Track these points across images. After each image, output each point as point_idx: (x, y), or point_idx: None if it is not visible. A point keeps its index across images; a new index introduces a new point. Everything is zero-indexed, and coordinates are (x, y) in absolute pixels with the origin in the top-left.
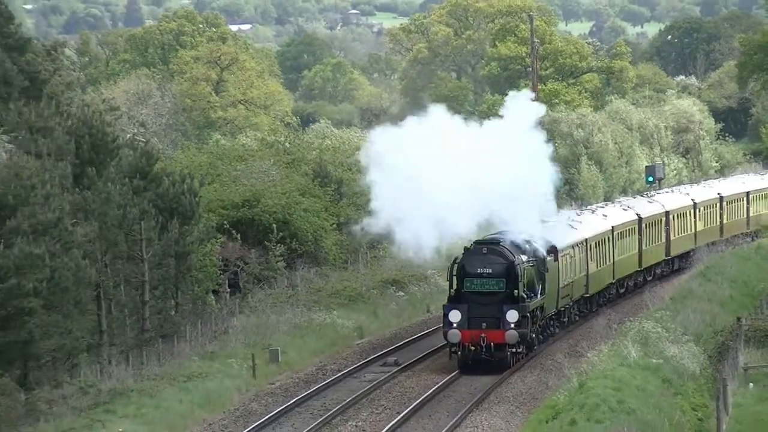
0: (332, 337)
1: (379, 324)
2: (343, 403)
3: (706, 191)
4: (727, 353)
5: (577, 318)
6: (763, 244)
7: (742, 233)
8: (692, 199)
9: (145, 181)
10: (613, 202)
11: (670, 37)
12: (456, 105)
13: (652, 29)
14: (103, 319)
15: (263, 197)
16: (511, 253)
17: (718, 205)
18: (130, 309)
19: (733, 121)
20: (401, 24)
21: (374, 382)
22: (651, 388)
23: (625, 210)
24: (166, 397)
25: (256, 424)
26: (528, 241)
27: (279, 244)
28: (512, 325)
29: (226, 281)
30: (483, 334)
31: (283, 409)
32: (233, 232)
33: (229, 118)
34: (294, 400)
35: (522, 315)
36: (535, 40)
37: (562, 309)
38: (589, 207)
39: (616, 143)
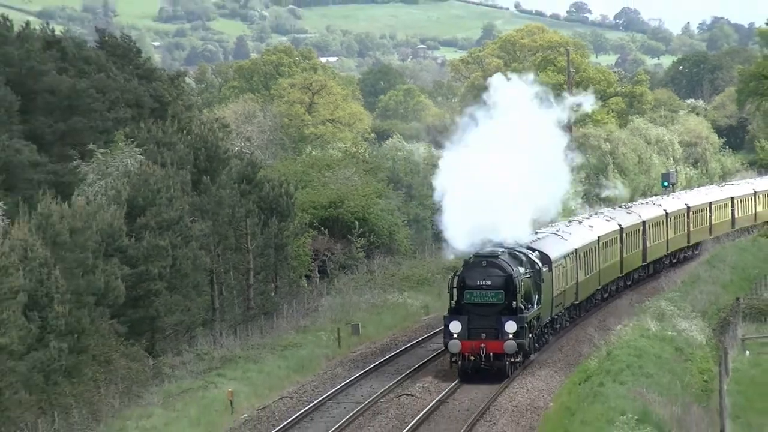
0: (403, 314)
1: (441, 303)
2: (413, 368)
3: (675, 202)
4: (728, 327)
5: (568, 324)
6: (758, 238)
7: (704, 239)
8: (664, 210)
9: (250, 186)
10: (596, 214)
11: (681, 67)
12: None
13: (666, 61)
14: (216, 299)
15: (346, 199)
16: (509, 265)
17: (685, 214)
18: (238, 291)
19: (733, 136)
20: (461, 57)
21: (438, 351)
22: (666, 356)
23: (608, 221)
24: (266, 363)
25: (341, 385)
26: (525, 253)
27: (359, 238)
28: (511, 336)
29: (316, 268)
30: (482, 345)
31: (363, 373)
32: (322, 228)
33: (318, 134)
34: (372, 365)
35: (520, 326)
36: (571, 69)
37: (556, 316)
38: (575, 219)
39: (637, 154)
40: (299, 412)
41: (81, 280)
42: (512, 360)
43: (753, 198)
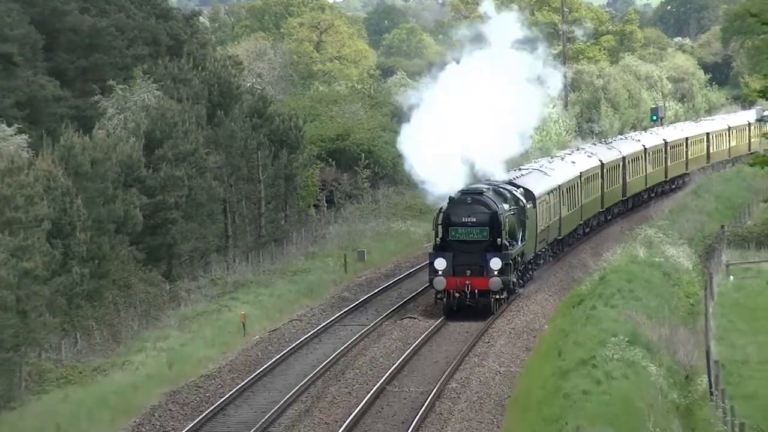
0: (406, 241)
1: None
2: (415, 292)
3: (654, 138)
4: (713, 253)
5: (551, 259)
6: (742, 168)
7: (681, 174)
8: (643, 145)
9: (261, 120)
10: (578, 150)
11: (669, 7)
12: None
13: (655, 1)
14: (229, 226)
15: (353, 132)
16: (494, 202)
17: (663, 150)
18: (250, 219)
19: (718, 73)
20: None
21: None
22: (654, 281)
23: (590, 157)
24: (277, 287)
25: (348, 308)
26: (509, 190)
27: (365, 169)
28: (496, 273)
29: (324, 198)
30: (468, 281)
31: (368, 296)
32: (329, 159)
33: (326, 71)
34: (377, 290)
35: (505, 263)
36: (565, 9)
37: (539, 252)
38: (558, 154)
39: (627, 90)
40: (308, 334)
41: (102, 209)
42: (497, 297)
43: (727, 133)
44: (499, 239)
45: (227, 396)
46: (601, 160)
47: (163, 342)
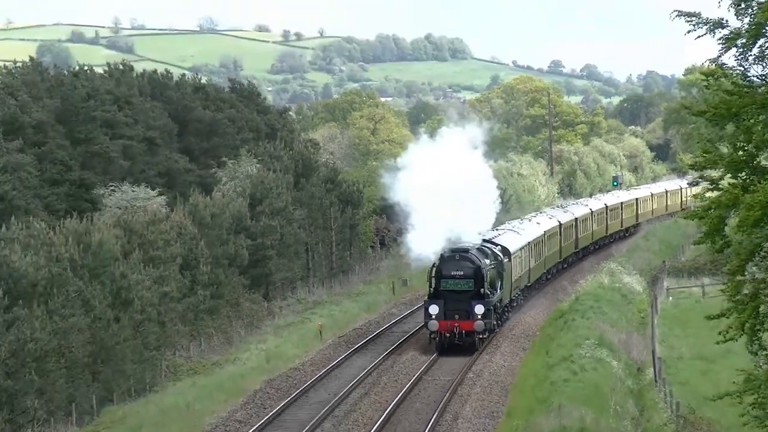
0: None
1: None
2: None
3: (597, 203)
4: (657, 280)
5: (522, 301)
6: (678, 220)
7: (616, 231)
8: (590, 209)
9: (333, 185)
10: (541, 212)
11: (625, 104)
12: (503, 144)
13: (615, 100)
14: (309, 261)
15: None
16: (478, 259)
17: (605, 212)
18: (324, 256)
19: (660, 151)
20: (476, 97)
21: None
22: (615, 300)
23: (551, 218)
24: (344, 305)
25: (395, 320)
26: (490, 248)
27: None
28: (479, 317)
29: (378, 241)
30: (456, 324)
31: (409, 312)
32: (381, 213)
33: (379, 150)
34: (416, 307)
35: (487, 308)
36: (551, 105)
37: (513, 297)
38: (526, 217)
39: (596, 164)
40: (366, 338)
41: (218, 249)
42: (480, 336)
43: (650, 199)
44: (482, 289)
45: (308, 383)
46: (559, 221)
47: (262, 344)
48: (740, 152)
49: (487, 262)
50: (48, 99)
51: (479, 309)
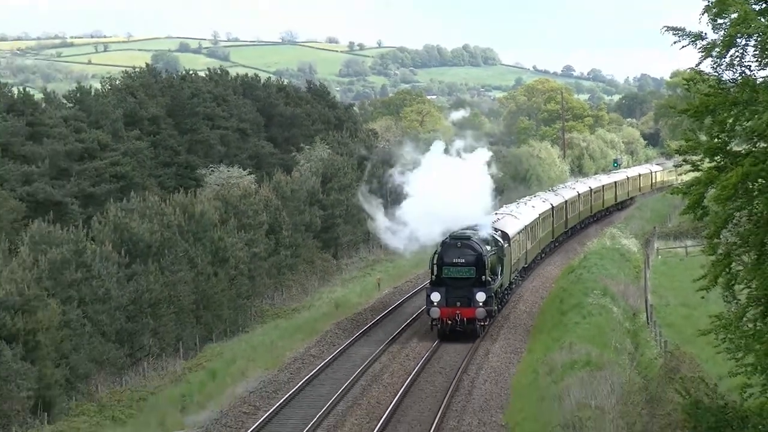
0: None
1: None
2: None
3: (583, 186)
4: (649, 242)
5: (520, 281)
6: (666, 194)
7: (599, 210)
8: (577, 192)
9: (388, 166)
10: (535, 196)
11: (624, 101)
12: (526, 133)
13: (616, 98)
14: (370, 228)
15: None
16: (479, 246)
17: (590, 194)
18: None
19: (652, 139)
20: (504, 95)
21: None
22: (616, 258)
23: (544, 202)
24: (398, 263)
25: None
26: (491, 234)
27: None
28: (481, 304)
29: None
30: (458, 312)
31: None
32: None
33: (426, 138)
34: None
35: (488, 295)
36: (564, 102)
37: (512, 280)
38: (522, 201)
39: (600, 149)
40: (416, 288)
41: (297, 217)
42: (482, 323)
43: (626, 181)
44: (483, 276)
45: (369, 324)
46: (551, 204)
47: (332, 294)
48: (715, 140)
49: (488, 248)
50: (161, 97)
51: (481, 296)
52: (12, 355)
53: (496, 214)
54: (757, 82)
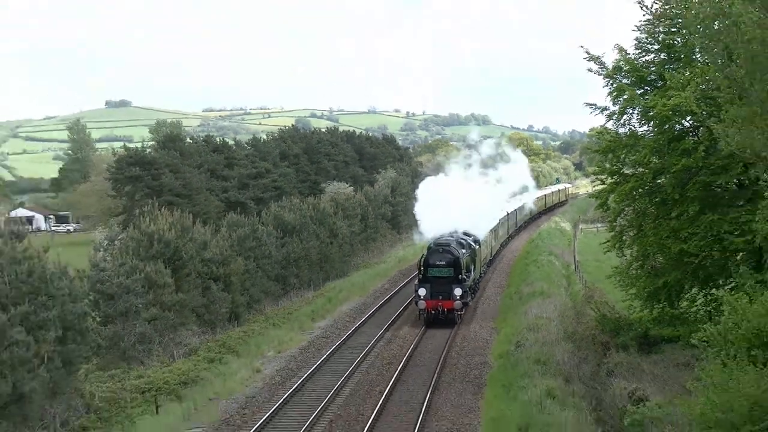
0: None
1: None
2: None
3: (526, 198)
4: (577, 224)
5: (485, 273)
6: (585, 197)
7: (541, 210)
8: (523, 202)
9: None
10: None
11: (562, 144)
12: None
13: (558, 143)
14: None
15: None
16: (456, 250)
17: (536, 200)
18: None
19: (579, 167)
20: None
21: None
22: (557, 234)
23: (501, 210)
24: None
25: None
26: (465, 239)
27: None
28: (458, 298)
29: None
30: (440, 304)
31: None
32: None
33: (450, 169)
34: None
35: (463, 291)
36: (527, 145)
37: (482, 274)
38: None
39: (548, 172)
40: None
41: (377, 210)
42: (459, 313)
43: (549, 195)
44: (459, 275)
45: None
46: (507, 211)
47: (397, 254)
48: (614, 167)
49: (464, 251)
50: (300, 143)
51: (458, 291)
52: (216, 288)
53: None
54: (638, 134)
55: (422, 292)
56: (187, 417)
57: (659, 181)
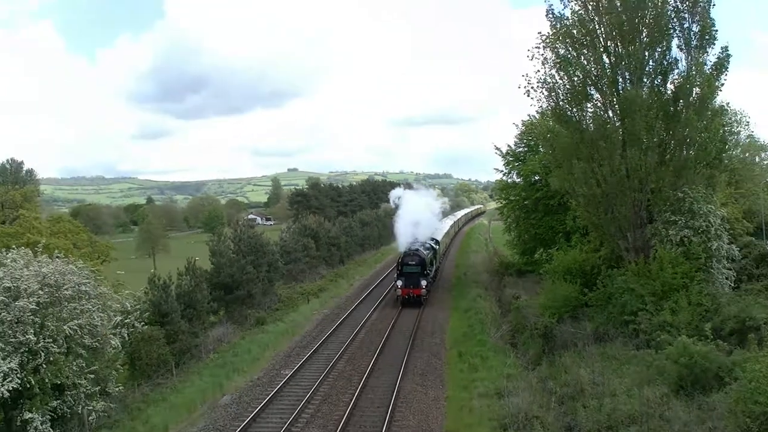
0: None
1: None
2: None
3: (460, 213)
4: (490, 221)
5: (447, 251)
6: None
7: (469, 219)
8: (462, 215)
9: None
10: (448, 217)
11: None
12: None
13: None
14: None
15: None
16: (423, 253)
17: (464, 217)
18: None
19: (492, 196)
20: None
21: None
22: (481, 227)
23: (450, 219)
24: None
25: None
26: (430, 243)
27: None
28: (423, 287)
29: None
30: (411, 291)
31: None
32: None
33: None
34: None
35: (427, 281)
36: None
37: (439, 264)
38: (444, 220)
39: (476, 200)
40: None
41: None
42: (424, 297)
43: (471, 212)
44: (425, 271)
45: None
46: (454, 220)
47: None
48: (510, 197)
49: (427, 252)
50: (326, 191)
51: (423, 282)
52: (334, 249)
53: (437, 228)
54: (515, 182)
55: (399, 283)
56: (322, 305)
57: (525, 202)
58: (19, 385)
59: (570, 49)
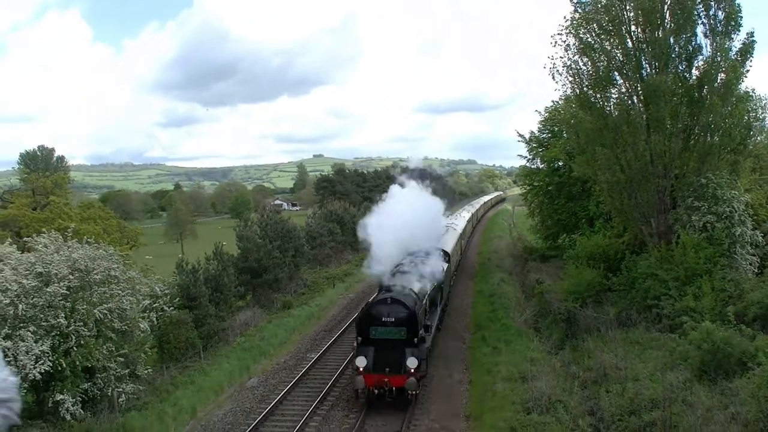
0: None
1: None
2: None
3: (479, 202)
4: (514, 207)
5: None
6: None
7: (490, 206)
8: (482, 203)
9: None
10: (462, 209)
11: (519, 172)
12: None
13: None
14: None
15: None
16: (413, 297)
17: (484, 205)
18: None
19: (515, 182)
20: (478, 172)
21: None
22: (505, 213)
23: (467, 212)
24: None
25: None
26: (429, 269)
27: None
28: (412, 368)
29: None
30: (386, 379)
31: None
32: None
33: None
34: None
35: (421, 358)
36: (494, 175)
37: (452, 283)
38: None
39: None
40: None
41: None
42: (413, 392)
43: (491, 199)
44: (416, 329)
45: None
46: (471, 212)
47: None
48: (535, 183)
49: (422, 287)
50: (351, 176)
51: (411, 361)
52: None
53: (446, 226)
54: (539, 167)
55: (361, 362)
56: (347, 289)
57: (549, 188)
58: (50, 367)
59: (594, 34)
